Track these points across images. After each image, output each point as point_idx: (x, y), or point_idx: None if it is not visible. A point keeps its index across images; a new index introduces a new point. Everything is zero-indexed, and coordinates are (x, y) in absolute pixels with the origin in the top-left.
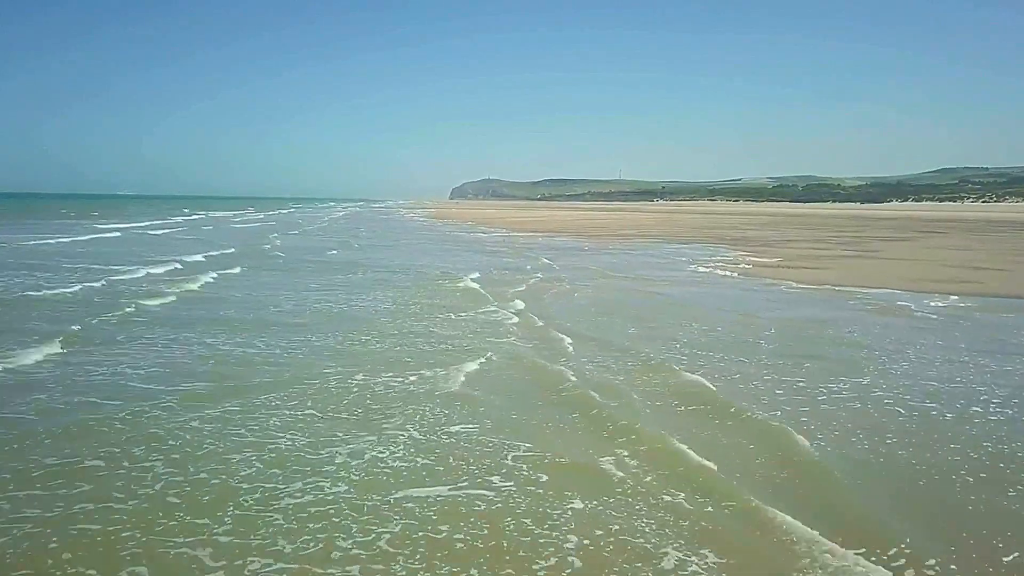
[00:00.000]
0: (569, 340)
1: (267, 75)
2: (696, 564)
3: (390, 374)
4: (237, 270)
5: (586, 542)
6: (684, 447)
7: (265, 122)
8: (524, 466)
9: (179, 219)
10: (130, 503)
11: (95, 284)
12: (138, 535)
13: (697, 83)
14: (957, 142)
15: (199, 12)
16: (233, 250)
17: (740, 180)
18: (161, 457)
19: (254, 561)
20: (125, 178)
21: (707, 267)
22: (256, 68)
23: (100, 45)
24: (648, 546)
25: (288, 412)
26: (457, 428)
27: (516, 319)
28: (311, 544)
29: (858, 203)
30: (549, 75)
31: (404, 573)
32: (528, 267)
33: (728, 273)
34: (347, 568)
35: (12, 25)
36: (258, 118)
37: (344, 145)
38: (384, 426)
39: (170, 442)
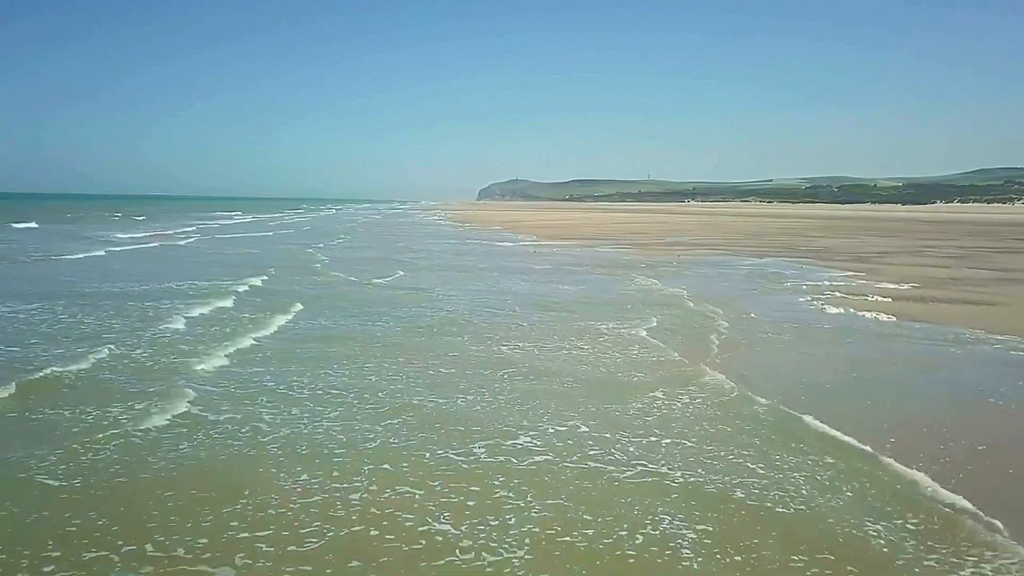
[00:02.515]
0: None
1: (294, 70)
2: None
3: None
4: (291, 314)
5: None
6: None
7: (292, 120)
8: None
9: (205, 224)
10: None
11: (95, 357)
12: None
13: (726, 85)
14: (991, 142)
15: (214, 8)
16: (274, 271)
17: (771, 181)
18: None
19: None
20: (154, 180)
21: (834, 301)
22: (275, 65)
23: (110, 43)
24: None
25: None
26: None
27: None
28: None
29: (899, 204)
30: (578, 76)
31: None
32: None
33: (876, 314)
34: None
35: (18, 24)
36: (284, 116)
37: (378, 146)
38: None
39: None
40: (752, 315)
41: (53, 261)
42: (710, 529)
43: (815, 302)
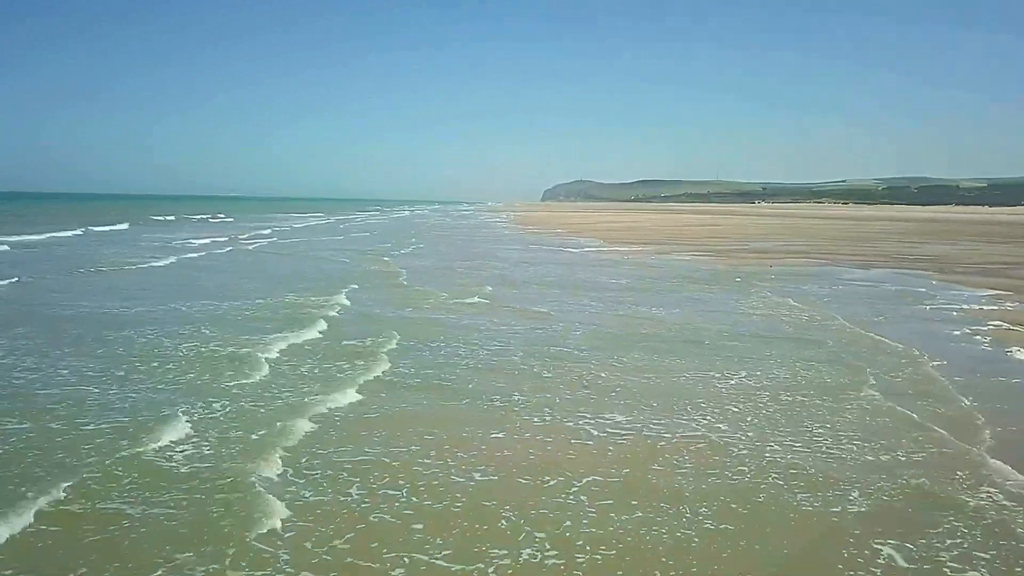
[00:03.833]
0: None
1: (356, 60)
2: None
3: None
4: (386, 355)
5: None
6: None
7: (356, 118)
8: None
9: (278, 227)
10: None
11: (143, 452)
12: None
13: (795, 85)
14: None
15: (214, 9)
16: (356, 286)
17: (844, 182)
18: None
19: None
20: (155, 179)
21: (1007, 337)
22: (334, 56)
23: (110, 43)
24: None
25: None
26: None
27: None
28: None
29: (985, 206)
30: (644, 82)
31: None
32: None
33: None
34: None
35: (18, 24)
36: (342, 113)
37: (440, 147)
38: None
39: None
40: (936, 362)
41: (122, 272)
42: None
43: (980, 336)
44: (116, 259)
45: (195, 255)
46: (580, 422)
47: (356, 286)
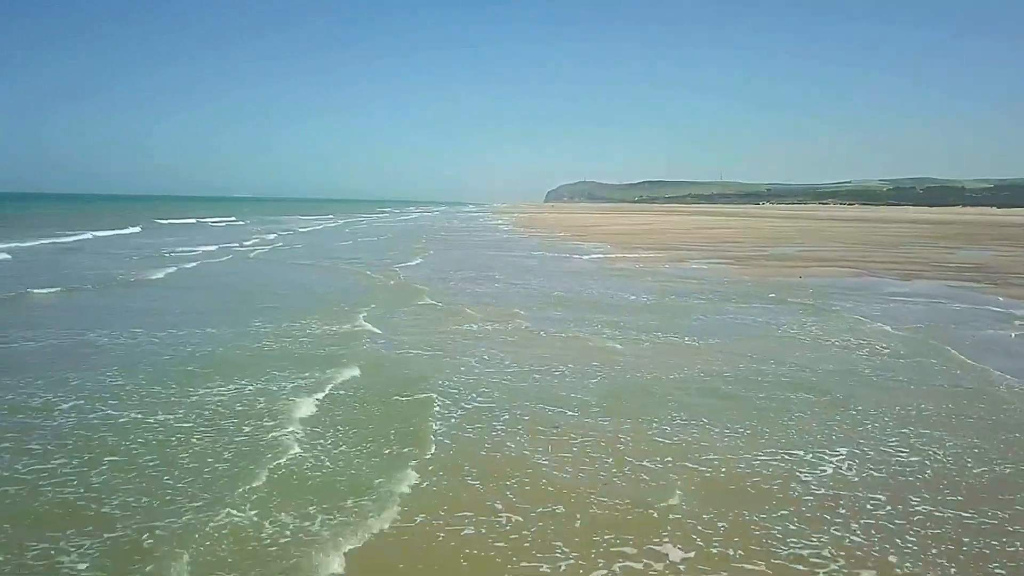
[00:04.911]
0: None
1: (361, 62)
2: None
3: None
4: (431, 420)
5: None
6: None
7: (360, 119)
8: None
9: (274, 235)
10: None
11: None
12: None
13: (799, 84)
14: None
15: (218, 9)
16: (375, 306)
17: (849, 183)
18: None
19: None
20: (157, 180)
21: None
22: (336, 57)
23: (110, 43)
24: None
25: None
26: None
27: None
28: None
29: (993, 207)
30: (648, 82)
31: None
32: None
33: None
34: None
35: (18, 24)
36: (349, 114)
37: (452, 148)
38: None
39: None
40: None
41: (109, 288)
42: None
43: None
44: (108, 271)
45: (194, 264)
46: (615, 566)
47: (375, 306)
